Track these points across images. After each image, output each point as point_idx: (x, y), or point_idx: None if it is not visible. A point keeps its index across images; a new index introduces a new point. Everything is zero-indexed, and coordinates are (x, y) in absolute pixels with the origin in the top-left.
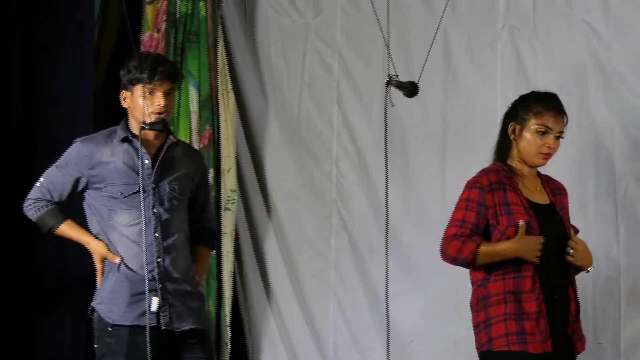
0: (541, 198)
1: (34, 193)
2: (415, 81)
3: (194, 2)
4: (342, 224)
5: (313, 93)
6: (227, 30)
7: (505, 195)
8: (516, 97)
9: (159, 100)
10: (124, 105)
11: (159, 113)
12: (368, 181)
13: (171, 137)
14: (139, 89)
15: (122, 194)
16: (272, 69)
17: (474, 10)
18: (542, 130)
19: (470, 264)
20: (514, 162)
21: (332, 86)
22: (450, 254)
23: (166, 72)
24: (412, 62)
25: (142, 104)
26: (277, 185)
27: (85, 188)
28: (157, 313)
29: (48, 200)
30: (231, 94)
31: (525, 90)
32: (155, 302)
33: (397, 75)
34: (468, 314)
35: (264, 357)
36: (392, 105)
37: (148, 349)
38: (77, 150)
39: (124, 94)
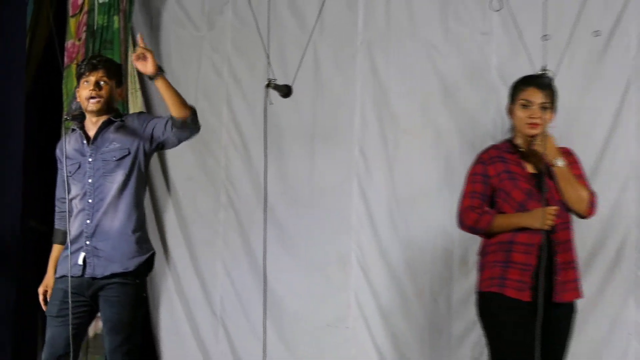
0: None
1: (57, 192)
2: (290, 84)
3: (109, 16)
4: (229, 201)
5: (206, 93)
6: (136, 39)
7: (506, 166)
8: (372, 99)
9: (90, 86)
10: (78, 99)
11: (92, 97)
12: (250, 166)
13: (111, 116)
14: (81, 83)
15: (70, 172)
16: (172, 73)
17: (338, 28)
18: (524, 103)
19: (486, 233)
20: (518, 139)
21: (222, 88)
22: (468, 224)
23: (91, 64)
24: (288, 69)
25: (81, 94)
26: (176, 168)
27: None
28: (83, 265)
29: (61, 204)
30: (139, 93)
31: (379, 95)
32: (80, 257)
33: (275, 80)
34: (331, 275)
35: (162, 309)
36: (271, 104)
37: (69, 293)
38: (56, 148)
39: (77, 91)
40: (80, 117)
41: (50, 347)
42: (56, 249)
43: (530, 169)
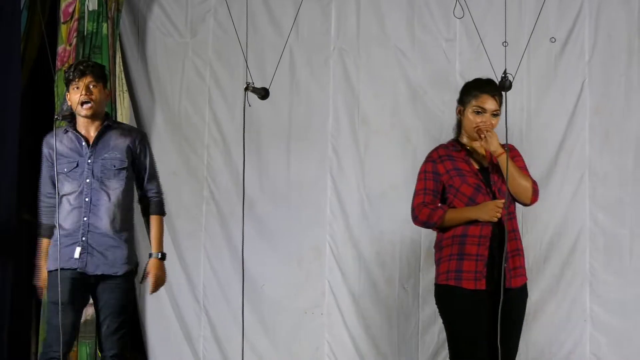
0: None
1: (39, 191)
2: (267, 87)
3: (98, 23)
4: (211, 195)
5: (190, 95)
6: (123, 45)
7: (454, 163)
8: (344, 101)
9: (81, 92)
10: (69, 103)
11: (85, 102)
12: (231, 163)
13: (107, 122)
14: (70, 88)
15: (66, 170)
16: (158, 76)
17: (312, 35)
18: (477, 110)
19: (438, 227)
20: (464, 138)
21: (204, 90)
22: (422, 219)
23: (78, 69)
24: (266, 74)
25: (72, 99)
26: (161, 165)
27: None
28: (79, 259)
29: (47, 195)
30: (126, 94)
31: (350, 97)
32: (77, 251)
33: (253, 83)
34: (306, 265)
35: (148, 296)
36: (249, 106)
37: (58, 288)
38: (43, 146)
39: (68, 95)
40: (70, 118)
41: (58, 333)
42: (45, 242)
43: (476, 165)
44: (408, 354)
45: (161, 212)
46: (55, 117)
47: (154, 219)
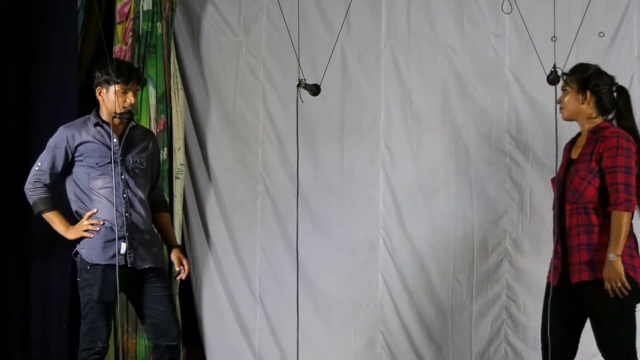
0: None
1: (32, 176)
2: (319, 84)
3: (153, 22)
4: (266, 190)
5: (244, 93)
6: (178, 44)
7: None
8: (395, 97)
9: (130, 98)
10: (98, 98)
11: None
12: (285, 158)
13: (132, 122)
14: (114, 88)
15: (97, 164)
16: (212, 74)
17: (363, 33)
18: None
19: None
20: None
21: (258, 88)
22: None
23: (140, 77)
24: (317, 70)
25: (112, 99)
26: (217, 161)
27: (72, 163)
28: (125, 255)
29: (44, 185)
30: (181, 92)
31: (402, 94)
32: (123, 247)
33: (305, 80)
34: (360, 258)
35: (205, 290)
36: (302, 102)
37: (117, 282)
38: (61, 134)
39: (100, 90)
40: (128, 115)
41: (102, 327)
42: (55, 213)
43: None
44: (461, 346)
45: (167, 209)
46: (114, 115)
47: (165, 216)
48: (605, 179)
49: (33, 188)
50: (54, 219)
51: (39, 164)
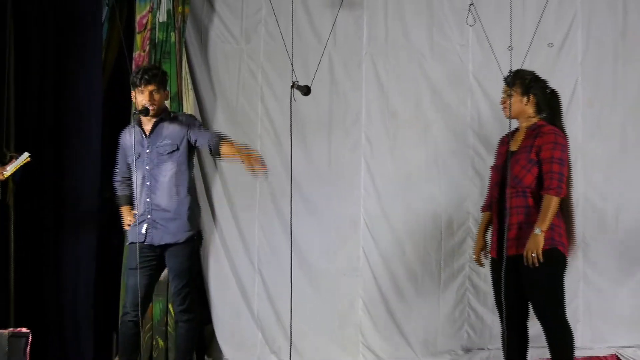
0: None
1: (115, 176)
2: (309, 85)
3: (167, 32)
4: (264, 178)
5: (245, 93)
6: (188, 51)
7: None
8: (375, 99)
9: (145, 97)
10: (134, 101)
11: (149, 106)
12: (280, 149)
13: (162, 116)
14: (137, 90)
15: (134, 160)
16: (218, 77)
17: (347, 42)
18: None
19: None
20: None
21: (257, 89)
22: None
23: (144, 78)
24: (308, 74)
25: (138, 100)
26: None
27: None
28: (145, 234)
29: (119, 181)
30: (191, 92)
31: (380, 95)
32: (143, 227)
33: (298, 82)
34: (344, 234)
35: (211, 261)
36: (295, 101)
37: (137, 254)
38: (120, 139)
39: (133, 94)
40: (145, 112)
41: (133, 293)
42: (125, 208)
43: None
44: (431, 310)
45: (226, 141)
46: (133, 112)
47: (225, 146)
48: (542, 167)
49: (116, 186)
50: (124, 210)
51: (116, 164)
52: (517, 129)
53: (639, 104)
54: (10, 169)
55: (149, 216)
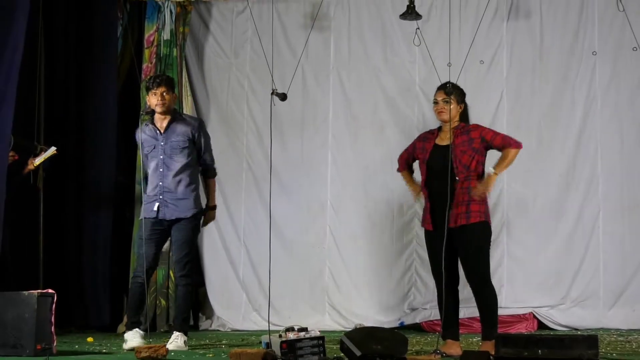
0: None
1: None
2: (286, 93)
3: (170, 48)
4: (249, 166)
5: (234, 99)
6: (188, 63)
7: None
8: (340, 104)
9: (158, 97)
10: (148, 104)
11: (160, 105)
12: (262, 145)
13: (175, 115)
14: (150, 94)
15: (148, 151)
16: (212, 85)
17: (317, 57)
18: (434, 101)
19: None
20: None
21: (243, 95)
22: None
23: (156, 82)
24: (285, 83)
25: (151, 101)
26: (214, 146)
27: None
28: (157, 210)
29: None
30: (189, 98)
31: (344, 101)
32: (155, 206)
33: (277, 89)
34: (313, 214)
35: (205, 237)
36: (274, 105)
37: (144, 231)
38: (135, 137)
39: (147, 98)
40: (151, 113)
41: (142, 259)
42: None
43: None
44: (385, 276)
45: (212, 175)
46: (141, 112)
47: (209, 181)
48: (493, 143)
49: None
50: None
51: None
52: (438, 130)
53: (551, 111)
54: (38, 160)
55: (160, 197)
